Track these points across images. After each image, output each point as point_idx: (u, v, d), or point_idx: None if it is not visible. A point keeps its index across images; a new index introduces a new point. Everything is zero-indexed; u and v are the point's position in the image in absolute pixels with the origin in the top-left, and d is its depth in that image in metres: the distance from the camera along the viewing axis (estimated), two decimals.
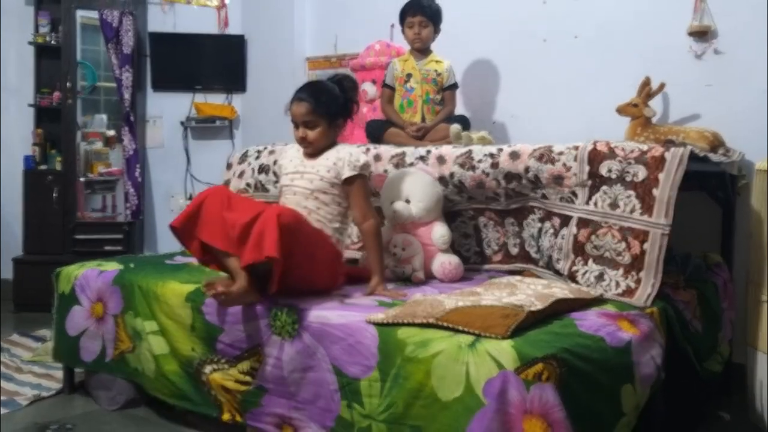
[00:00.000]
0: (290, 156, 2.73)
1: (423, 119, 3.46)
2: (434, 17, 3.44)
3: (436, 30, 3.46)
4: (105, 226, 4.77)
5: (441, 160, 2.94)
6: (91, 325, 2.84)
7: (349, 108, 2.69)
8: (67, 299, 2.92)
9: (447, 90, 3.52)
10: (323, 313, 2.20)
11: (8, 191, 4.74)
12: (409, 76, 3.46)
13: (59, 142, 4.66)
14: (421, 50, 3.49)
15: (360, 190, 2.58)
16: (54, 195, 4.54)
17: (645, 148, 2.49)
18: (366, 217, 2.58)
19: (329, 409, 2.12)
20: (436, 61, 3.48)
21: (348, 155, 2.58)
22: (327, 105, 2.59)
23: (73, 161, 4.63)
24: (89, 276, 2.86)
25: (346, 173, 2.56)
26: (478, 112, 3.74)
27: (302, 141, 2.62)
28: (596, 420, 1.86)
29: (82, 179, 4.72)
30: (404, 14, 3.45)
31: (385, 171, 3.03)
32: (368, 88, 3.95)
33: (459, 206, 2.98)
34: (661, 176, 2.39)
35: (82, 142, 4.79)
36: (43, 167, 4.62)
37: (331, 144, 2.65)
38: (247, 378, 2.33)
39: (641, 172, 2.43)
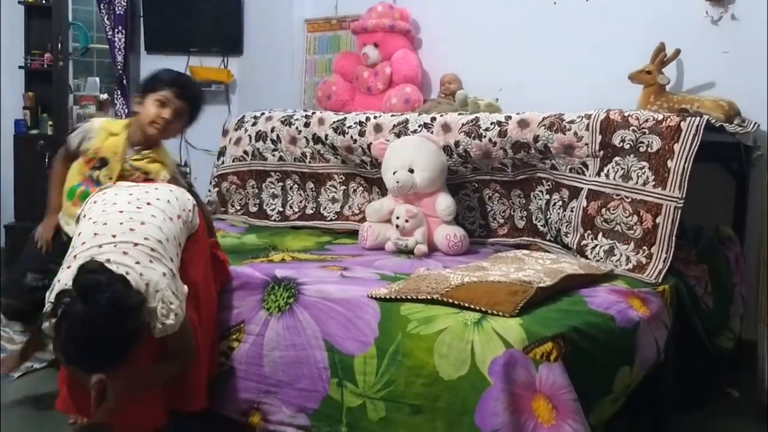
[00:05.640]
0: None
1: None
2: (196, 106, 2.46)
3: (187, 124, 2.47)
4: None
5: (446, 128, 2.83)
6: None
7: None
8: None
9: None
10: (324, 288, 2.13)
11: None
12: (103, 162, 2.32)
13: (51, 105, 4.53)
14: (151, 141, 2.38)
15: None
16: (46, 160, 4.42)
17: (660, 117, 2.40)
18: None
19: (314, 390, 2.03)
20: (159, 162, 2.39)
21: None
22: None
23: (65, 126, 4.50)
24: None
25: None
26: (484, 78, 3.62)
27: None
28: (583, 396, 1.77)
29: None
30: (156, 83, 2.36)
31: (387, 140, 2.93)
32: (369, 52, 3.83)
33: (463, 178, 2.89)
34: (676, 147, 2.32)
35: (74, 106, 4.67)
36: (34, 132, 4.51)
37: None
38: (222, 359, 2.22)
39: (656, 143, 2.35)
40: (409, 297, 1.96)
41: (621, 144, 2.41)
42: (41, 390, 2.64)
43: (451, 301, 1.89)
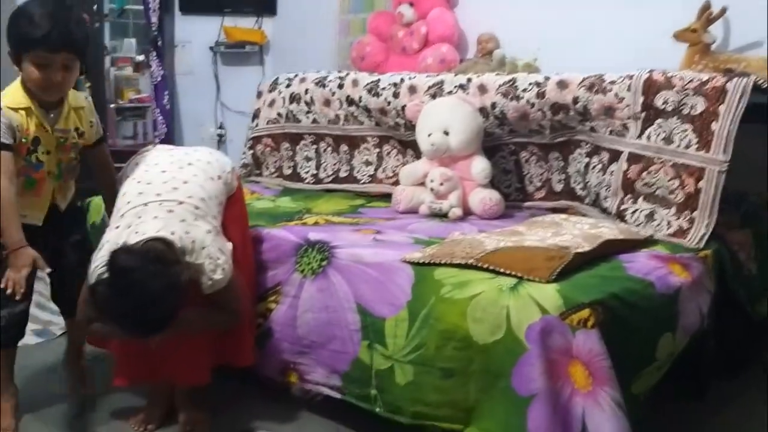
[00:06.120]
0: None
1: (54, 205, 2.14)
2: (83, 47, 2.02)
3: (82, 67, 2.07)
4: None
5: (482, 89, 2.78)
6: None
7: None
8: (98, 230, 2.88)
9: (96, 146, 2.21)
10: (357, 251, 2.13)
11: None
12: (36, 142, 2.01)
13: (88, 67, 4.55)
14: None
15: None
16: None
17: (705, 78, 2.32)
18: None
19: (345, 352, 2.06)
20: (76, 108, 2.10)
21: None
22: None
23: (102, 87, 4.54)
24: None
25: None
26: (522, 37, 3.53)
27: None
28: (624, 364, 1.77)
29: (112, 106, 4.65)
30: (26, 41, 1.92)
31: (422, 101, 2.89)
32: (404, 11, 3.76)
33: (499, 140, 2.84)
34: (721, 109, 2.24)
35: (111, 67, 4.70)
36: None
37: None
38: (260, 320, 2.26)
39: (700, 104, 2.27)
40: (443, 261, 1.95)
41: (664, 106, 2.34)
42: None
43: (486, 266, 1.87)
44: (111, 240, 1.82)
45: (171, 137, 4.66)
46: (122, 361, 2.11)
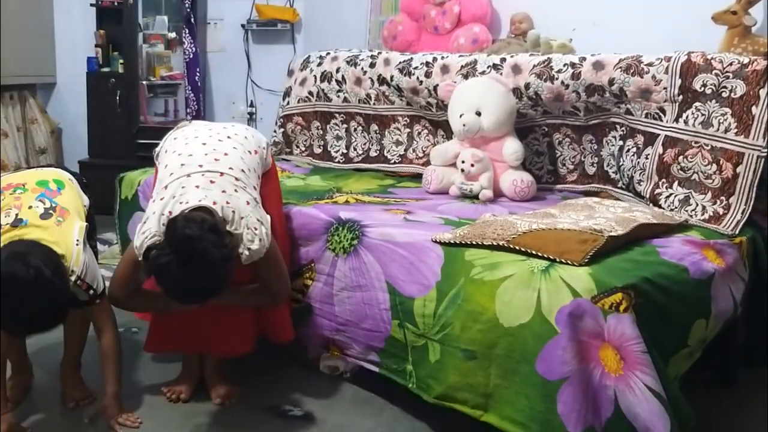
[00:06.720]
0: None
1: None
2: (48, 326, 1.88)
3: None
4: (167, 131, 4.73)
5: (516, 69, 2.75)
6: None
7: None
8: (129, 205, 2.92)
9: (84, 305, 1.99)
10: (387, 231, 2.13)
11: (72, 93, 4.74)
12: None
13: (121, 44, 4.59)
14: None
15: None
16: (117, 98, 4.51)
17: (745, 60, 2.28)
18: None
19: (378, 330, 2.08)
20: None
21: None
22: None
23: (135, 64, 4.57)
24: (152, 183, 2.84)
25: None
26: (557, 17, 3.48)
27: None
28: (656, 349, 1.75)
29: (144, 82, 4.67)
30: None
31: (454, 81, 2.87)
32: None
33: (532, 121, 2.81)
34: (762, 92, 2.21)
35: (144, 44, 4.72)
36: (105, 69, 4.58)
37: None
38: (299, 296, 2.29)
39: (740, 88, 2.23)
40: (474, 242, 1.94)
41: (702, 89, 2.30)
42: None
43: (517, 247, 1.86)
44: (157, 211, 1.86)
45: (202, 114, 4.68)
46: (156, 330, 2.16)
